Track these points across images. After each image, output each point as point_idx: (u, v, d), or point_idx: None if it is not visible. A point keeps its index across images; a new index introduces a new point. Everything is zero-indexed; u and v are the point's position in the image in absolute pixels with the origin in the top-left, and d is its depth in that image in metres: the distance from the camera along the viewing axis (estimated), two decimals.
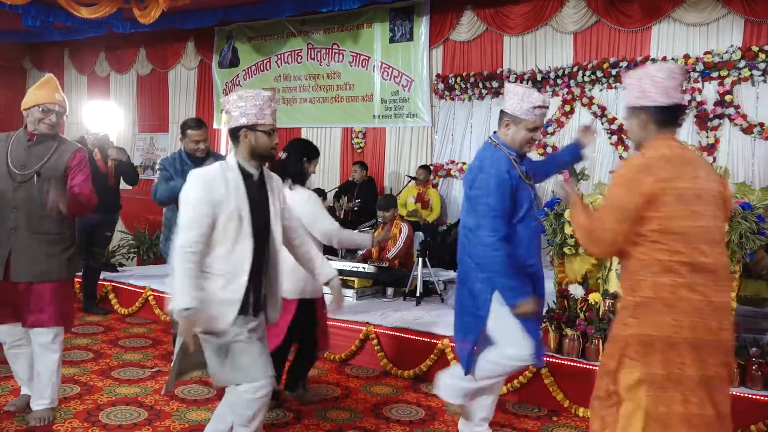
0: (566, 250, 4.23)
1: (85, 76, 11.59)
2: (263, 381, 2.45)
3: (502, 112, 2.92)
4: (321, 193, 7.59)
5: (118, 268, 6.89)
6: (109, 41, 10.59)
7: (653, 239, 2.11)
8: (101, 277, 6.09)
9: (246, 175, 2.51)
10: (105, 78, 11.36)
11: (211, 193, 2.39)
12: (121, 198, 6.04)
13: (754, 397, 3.34)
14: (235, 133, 2.49)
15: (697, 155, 2.28)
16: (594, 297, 3.96)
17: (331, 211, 7.21)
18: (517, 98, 2.83)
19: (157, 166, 4.16)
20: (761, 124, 6.35)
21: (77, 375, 4.12)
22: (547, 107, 2.88)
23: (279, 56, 9.49)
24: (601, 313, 3.86)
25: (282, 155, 3.56)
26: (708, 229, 2.12)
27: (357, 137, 8.91)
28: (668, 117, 2.22)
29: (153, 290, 5.78)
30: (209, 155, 4.07)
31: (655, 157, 2.17)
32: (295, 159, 3.53)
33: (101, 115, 8.04)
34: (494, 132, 2.98)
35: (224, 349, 2.45)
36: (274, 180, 2.65)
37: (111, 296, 6.03)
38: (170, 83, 10.66)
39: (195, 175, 2.43)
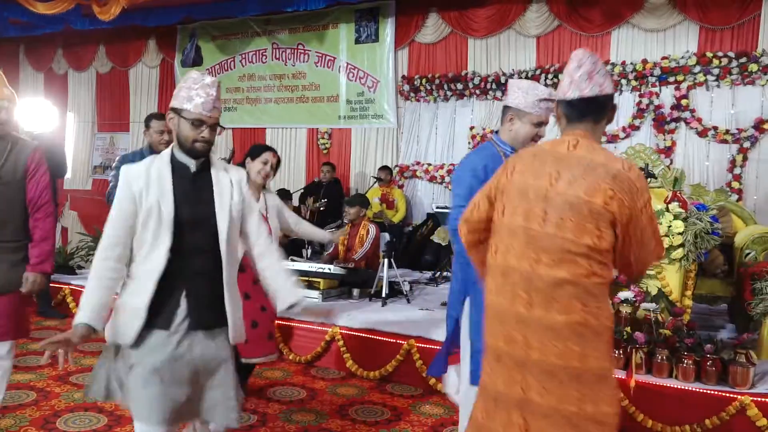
0: None
1: (41, 73, 11.27)
2: (154, 427, 2.06)
3: (505, 107, 2.76)
4: (286, 194, 7.53)
5: (77, 271, 6.71)
6: (67, 38, 10.33)
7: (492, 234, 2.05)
8: (60, 279, 5.93)
9: (177, 166, 2.19)
10: (62, 76, 11.06)
11: (130, 187, 2.13)
12: (57, 195, 5.89)
13: (708, 392, 3.44)
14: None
15: (588, 158, 1.86)
16: None
17: (297, 211, 7.17)
18: (522, 92, 2.67)
19: (113, 165, 4.11)
20: (715, 128, 6.57)
21: (33, 381, 4.00)
22: (553, 101, 2.63)
23: (243, 56, 9.40)
24: None
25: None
26: (541, 235, 1.85)
27: (322, 138, 8.88)
28: (573, 110, 1.94)
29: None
30: None
31: (528, 151, 2.02)
32: (242, 160, 3.57)
33: (34, 112, 7.72)
34: (495, 132, 2.85)
35: (128, 367, 2.12)
36: (230, 173, 2.29)
37: (69, 299, 5.87)
38: (131, 82, 10.45)
39: (121, 170, 2.18)
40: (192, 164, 2.21)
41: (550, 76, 7.27)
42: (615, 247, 1.83)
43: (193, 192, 2.19)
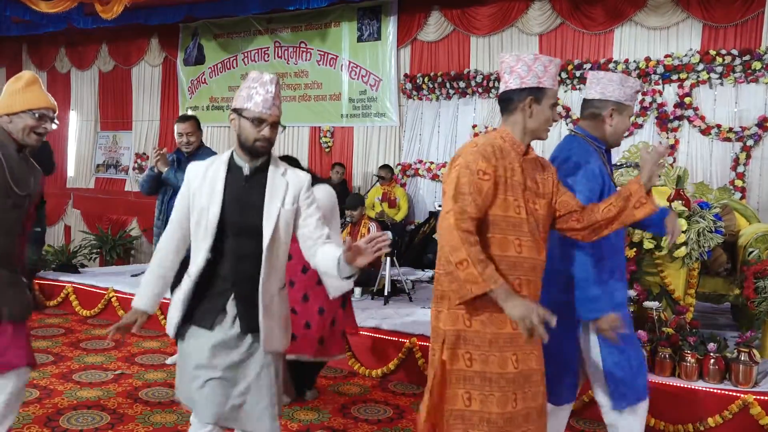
0: None
1: (44, 72, 11.27)
2: (207, 428, 2.15)
3: (601, 101, 2.51)
4: None
5: (80, 269, 6.73)
6: (70, 37, 10.34)
7: None
8: (62, 278, 5.95)
9: (232, 168, 2.18)
10: (66, 74, 11.08)
11: (189, 186, 2.19)
12: (44, 193, 5.86)
13: (711, 390, 3.43)
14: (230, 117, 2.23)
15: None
16: None
17: None
18: (616, 84, 2.47)
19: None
20: (718, 126, 6.54)
21: (36, 379, 4.00)
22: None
23: (245, 54, 9.40)
24: None
25: None
26: None
27: (325, 136, 8.88)
28: (500, 104, 2.20)
29: (116, 291, 5.66)
30: (200, 150, 4.21)
31: None
32: None
33: None
34: (576, 125, 2.61)
35: (184, 358, 2.21)
36: (289, 177, 2.21)
37: (72, 298, 5.88)
38: (134, 80, 10.46)
39: (187, 168, 2.25)
40: (246, 167, 2.17)
41: None
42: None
43: (243, 196, 2.15)
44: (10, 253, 2.49)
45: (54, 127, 2.56)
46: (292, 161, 3.63)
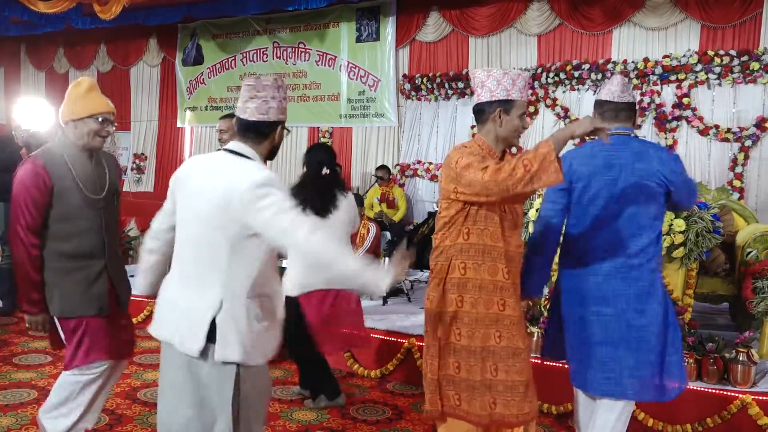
0: None
1: (43, 72, 11.28)
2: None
3: (634, 104, 2.60)
4: None
5: None
6: (69, 37, 10.34)
7: None
8: None
9: None
10: (64, 74, 11.06)
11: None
12: None
13: (709, 391, 3.44)
14: (267, 129, 2.08)
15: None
16: None
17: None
18: (631, 87, 2.58)
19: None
20: (717, 126, 6.56)
21: (34, 379, 4.01)
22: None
23: (244, 54, 9.40)
24: None
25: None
26: None
27: (324, 137, 8.88)
28: (475, 115, 2.45)
29: None
30: None
31: None
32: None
33: (31, 111, 7.72)
34: (624, 128, 2.59)
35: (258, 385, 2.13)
36: None
37: None
38: (132, 80, 10.45)
39: (267, 173, 2.01)
40: None
41: (551, 74, 7.26)
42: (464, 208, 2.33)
43: None
44: (115, 247, 2.74)
45: (113, 129, 2.69)
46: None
